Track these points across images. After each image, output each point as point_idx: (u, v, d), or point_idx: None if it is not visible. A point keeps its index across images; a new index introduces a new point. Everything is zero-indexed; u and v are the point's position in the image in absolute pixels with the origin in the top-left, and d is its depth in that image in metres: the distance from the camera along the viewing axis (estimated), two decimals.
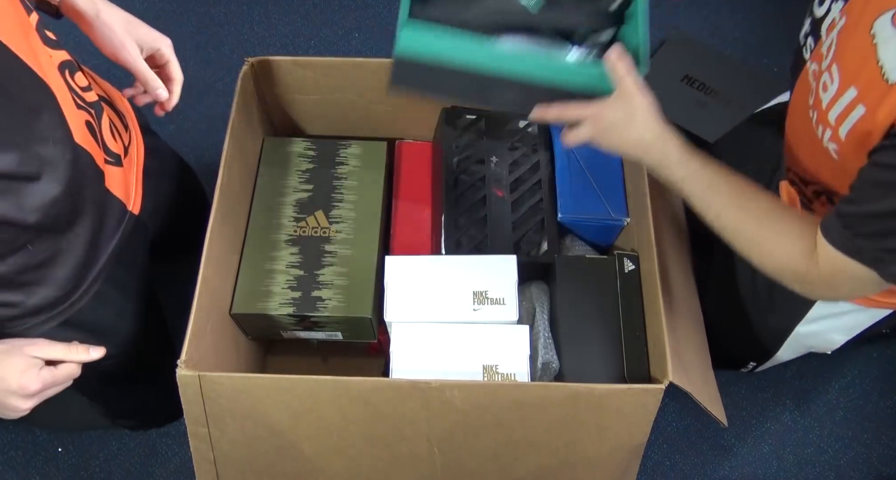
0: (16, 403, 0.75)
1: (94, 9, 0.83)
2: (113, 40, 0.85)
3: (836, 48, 0.71)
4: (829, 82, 0.71)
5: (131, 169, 0.93)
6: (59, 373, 0.78)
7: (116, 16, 0.86)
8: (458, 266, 0.93)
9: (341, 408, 0.83)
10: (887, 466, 1.25)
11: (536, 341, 0.94)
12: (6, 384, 0.74)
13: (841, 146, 0.71)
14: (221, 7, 1.66)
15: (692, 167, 0.77)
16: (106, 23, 0.84)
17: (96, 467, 1.20)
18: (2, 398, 0.75)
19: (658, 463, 1.24)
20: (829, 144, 0.73)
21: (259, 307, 0.98)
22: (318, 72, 1.05)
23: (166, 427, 1.23)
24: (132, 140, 0.95)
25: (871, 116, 0.65)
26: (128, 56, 0.86)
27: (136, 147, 0.95)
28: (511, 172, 1.05)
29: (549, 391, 0.81)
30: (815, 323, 0.99)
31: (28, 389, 0.74)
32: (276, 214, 1.05)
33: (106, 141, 0.86)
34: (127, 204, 0.90)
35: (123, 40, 0.85)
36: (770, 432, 1.27)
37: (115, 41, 0.85)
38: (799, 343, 1.04)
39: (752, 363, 1.15)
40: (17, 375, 0.74)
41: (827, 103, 0.71)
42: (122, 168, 0.89)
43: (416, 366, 0.89)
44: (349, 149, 1.10)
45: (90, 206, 0.81)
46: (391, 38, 1.63)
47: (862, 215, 0.66)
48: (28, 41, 0.70)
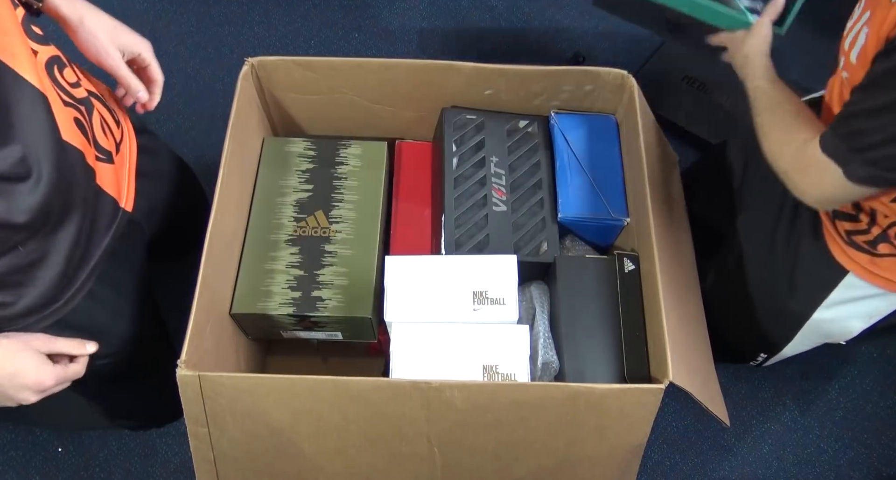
0: (27, 396, 0.76)
1: (77, 15, 0.85)
2: (98, 47, 0.87)
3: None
4: (857, 37, 0.79)
5: (123, 166, 0.93)
6: (70, 370, 0.79)
7: (101, 23, 0.87)
8: (458, 266, 0.93)
9: (341, 408, 0.83)
10: (887, 466, 1.25)
11: (536, 341, 0.94)
12: (22, 379, 0.75)
13: (851, 72, 0.79)
14: (221, 7, 1.66)
15: (767, 82, 0.94)
16: (90, 30, 0.86)
17: (96, 467, 1.20)
18: (14, 392, 0.76)
19: (658, 463, 1.24)
20: (843, 73, 0.82)
21: (259, 307, 0.98)
22: (318, 72, 1.05)
23: (166, 427, 1.23)
24: (124, 136, 0.94)
25: (874, 35, 0.71)
26: (112, 63, 0.89)
27: (128, 144, 0.95)
28: (511, 172, 1.05)
29: (549, 391, 0.81)
30: (835, 308, 0.99)
31: (43, 384, 0.76)
32: (276, 214, 1.05)
33: (97, 138, 0.86)
34: (119, 201, 0.90)
35: (107, 48, 0.87)
36: (770, 432, 1.27)
37: (100, 49, 0.87)
38: (816, 332, 1.04)
39: (762, 356, 1.14)
40: (34, 370, 0.75)
41: (849, 44, 0.80)
42: (113, 165, 0.89)
43: (416, 366, 0.89)
44: (349, 149, 1.10)
45: (81, 204, 0.81)
46: (391, 38, 1.64)
47: (843, 116, 0.77)
48: (7, 38, 0.70)
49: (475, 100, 1.08)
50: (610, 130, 1.09)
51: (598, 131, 1.08)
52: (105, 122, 0.90)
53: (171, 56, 1.58)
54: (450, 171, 1.04)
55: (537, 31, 1.65)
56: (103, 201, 0.87)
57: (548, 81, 1.05)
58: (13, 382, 0.75)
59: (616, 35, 1.66)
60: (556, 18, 1.67)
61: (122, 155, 0.93)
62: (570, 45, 1.63)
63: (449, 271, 0.93)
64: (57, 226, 0.78)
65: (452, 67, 1.03)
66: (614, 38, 1.66)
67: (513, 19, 1.66)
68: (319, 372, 1.03)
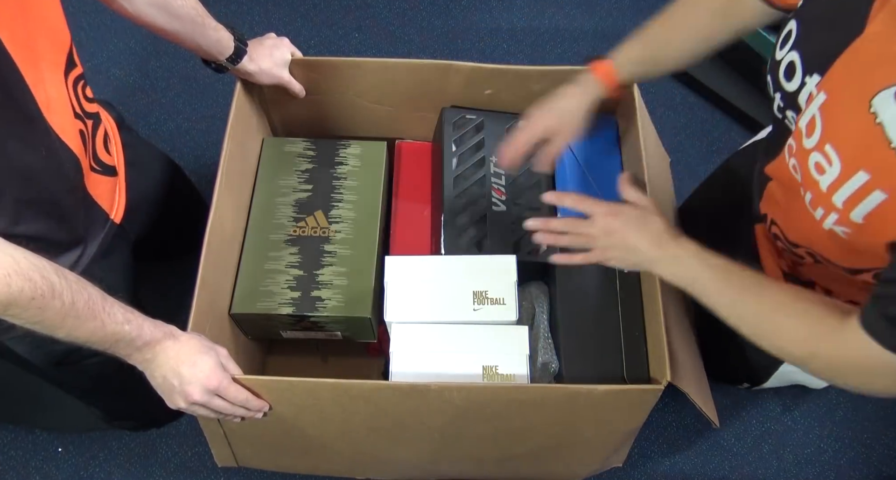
0: (191, 391, 0.76)
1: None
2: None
3: (825, 127, 0.66)
4: (824, 164, 0.66)
5: (121, 182, 0.95)
6: (229, 391, 0.80)
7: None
8: (458, 266, 0.93)
9: (342, 405, 0.84)
10: (887, 466, 1.25)
11: (536, 341, 0.94)
12: (189, 376, 0.76)
13: (856, 229, 0.66)
14: (221, 7, 1.65)
15: (710, 261, 0.75)
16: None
17: (96, 467, 1.20)
18: (178, 388, 0.77)
19: (658, 463, 1.24)
20: (834, 227, 0.68)
21: (258, 307, 0.98)
22: (318, 72, 1.05)
23: (166, 427, 1.23)
24: (117, 155, 0.97)
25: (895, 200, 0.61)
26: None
27: (121, 162, 0.98)
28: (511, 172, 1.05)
29: (548, 392, 0.81)
30: None
31: (192, 397, 0.77)
32: (276, 214, 1.05)
33: (97, 150, 0.88)
34: (109, 213, 0.92)
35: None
36: (770, 432, 1.27)
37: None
38: (786, 378, 1.03)
39: (746, 384, 1.14)
40: (200, 376, 0.77)
41: (828, 187, 0.66)
42: (112, 179, 0.91)
43: (416, 367, 0.89)
44: (349, 149, 1.10)
45: (72, 212, 0.83)
46: (391, 38, 1.63)
47: (884, 297, 0.61)
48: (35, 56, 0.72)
49: (475, 100, 1.08)
50: (610, 130, 1.09)
51: (598, 131, 1.08)
52: (109, 138, 0.92)
53: (170, 56, 1.58)
54: (449, 171, 1.04)
55: (537, 31, 1.65)
56: (95, 212, 0.88)
57: (548, 81, 1.05)
58: (190, 371, 0.76)
59: (616, 35, 1.65)
60: (556, 18, 1.67)
61: (120, 173, 0.95)
62: (571, 45, 1.63)
63: (449, 271, 0.93)
64: (50, 234, 0.80)
65: (452, 66, 1.03)
66: (614, 39, 1.66)
67: (513, 19, 1.66)
68: (319, 372, 1.04)
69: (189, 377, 0.76)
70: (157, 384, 0.78)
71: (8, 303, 0.62)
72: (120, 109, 1.05)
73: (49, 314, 0.66)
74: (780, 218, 0.84)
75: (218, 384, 0.77)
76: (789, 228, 0.82)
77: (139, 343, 0.74)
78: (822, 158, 0.66)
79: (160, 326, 0.76)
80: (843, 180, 0.64)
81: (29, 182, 0.74)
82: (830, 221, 0.68)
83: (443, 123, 1.07)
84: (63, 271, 0.67)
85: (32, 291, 0.63)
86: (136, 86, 1.55)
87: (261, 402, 0.82)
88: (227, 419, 0.83)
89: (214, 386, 0.77)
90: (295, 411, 0.85)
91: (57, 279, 0.66)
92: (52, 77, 0.75)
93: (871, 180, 0.62)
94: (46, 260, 0.66)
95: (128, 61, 1.58)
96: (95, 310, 0.69)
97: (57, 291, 0.65)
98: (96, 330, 0.70)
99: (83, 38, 1.58)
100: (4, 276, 0.61)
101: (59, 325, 0.67)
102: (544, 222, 0.84)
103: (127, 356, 0.75)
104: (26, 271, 0.63)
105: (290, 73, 1.04)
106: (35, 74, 0.72)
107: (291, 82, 1.05)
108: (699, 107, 1.55)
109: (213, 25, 0.93)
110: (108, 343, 0.72)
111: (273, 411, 0.84)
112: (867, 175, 0.62)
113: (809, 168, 0.69)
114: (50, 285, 0.65)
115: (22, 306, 0.63)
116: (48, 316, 0.66)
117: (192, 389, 0.76)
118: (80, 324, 0.68)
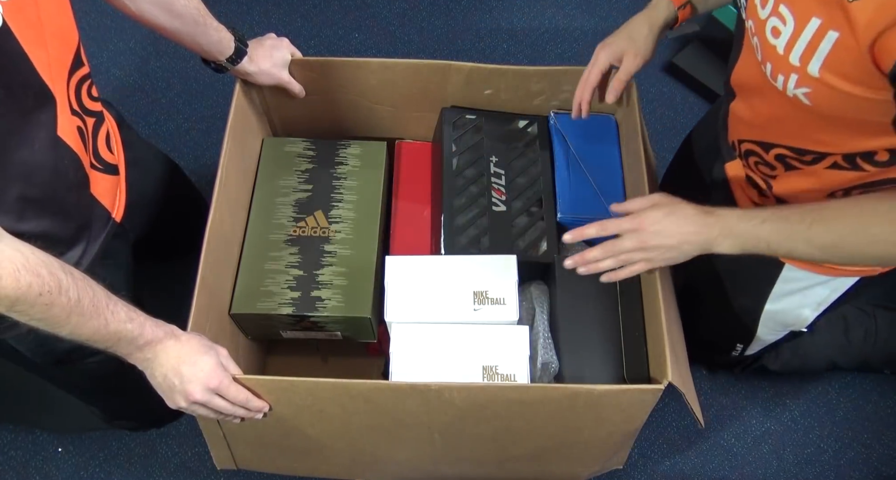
0: (192, 389, 0.76)
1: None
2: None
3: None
4: (780, 25, 0.68)
5: (122, 181, 0.95)
6: (230, 391, 0.79)
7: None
8: (458, 266, 0.93)
9: (342, 405, 0.84)
10: (887, 466, 1.25)
11: (536, 341, 0.94)
12: (199, 372, 0.76)
13: (816, 85, 0.68)
14: (221, 7, 1.65)
15: (760, 215, 0.74)
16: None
17: (96, 467, 1.20)
18: (178, 387, 0.77)
19: (658, 463, 1.24)
20: (796, 91, 0.70)
21: (258, 307, 0.98)
22: (318, 72, 1.05)
23: (166, 427, 1.23)
24: (118, 154, 0.97)
25: (848, 36, 0.62)
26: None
27: (122, 161, 0.97)
28: (510, 172, 1.05)
29: (548, 392, 0.81)
30: (781, 301, 0.98)
31: (192, 396, 0.77)
32: (276, 214, 1.05)
33: (99, 148, 0.88)
34: (111, 212, 0.92)
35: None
36: (770, 432, 1.27)
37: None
38: (774, 321, 1.04)
39: (739, 346, 1.14)
40: (210, 368, 0.77)
41: (784, 46, 0.68)
42: (113, 177, 0.91)
43: (416, 367, 0.89)
44: (349, 149, 1.10)
45: (74, 209, 0.83)
46: (391, 38, 1.64)
47: None
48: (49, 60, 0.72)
49: (475, 100, 1.08)
50: (610, 130, 1.09)
51: (598, 131, 1.08)
52: (111, 137, 0.92)
53: (170, 56, 1.58)
54: (449, 171, 1.04)
55: (537, 31, 1.65)
56: (97, 210, 0.88)
57: (547, 80, 1.05)
58: (191, 370, 0.76)
59: None
60: (556, 18, 1.67)
61: (122, 172, 0.95)
62: (570, 45, 1.63)
63: (449, 271, 0.93)
64: (53, 232, 0.79)
65: (452, 66, 1.03)
66: None
67: (513, 19, 1.66)
68: (319, 372, 1.04)
69: (190, 376, 0.76)
70: (157, 384, 0.78)
71: (16, 298, 0.62)
72: (120, 109, 1.05)
73: (55, 310, 0.66)
74: (747, 125, 0.85)
75: (218, 383, 0.77)
76: (756, 125, 0.83)
77: (141, 342, 0.74)
78: (778, 21, 0.69)
79: (161, 325, 0.76)
80: (797, 34, 0.67)
81: (31, 180, 0.74)
82: (791, 84, 0.70)
83: (443, 123, 1.07)
84: (69, 268, 0.68)
85: (40, 286, 0.63)
86: (136, 86, 1.55)
87: (261, 402, 0.82)
88: (227, 419, 0.83)
89: (215, 386, 0.77)
90: (295, 411, 0.85)
91: (64, 276, 0.66)
92: (56, 75, 0.75)
93: (823, 23, 0.65)
94: (53, 257, 0.66)
95: (128, 61, 1.58)
96: (100, 308, 0.69)
97: (64, 287, 0.65)
98: (100, 328, 0.70)
99: (83, 38, 1.57)
100: (13, 271, 0.61)
101: (64, 322, 0.67)
102: (581, 256, 0.82)
103: (128, 355, 0.75)
104: (35, 266, 0.63)
105: (290, 73, 1.04)
106: (48, 73, 0.72)
107: (291, 83, 1.05)
108: (699, 107, 1.55)
109: (214, 25, 0.93)
110: (111, 342, 0.72)
111: (273, 411, 0.84)
112: (819, 20, 0.65)
113: (767, 36, 0.71)
114: (57, 281, 0.65)
115: (30, 301, 0.63)
116: (54, 313, 0.66)
117: (192, 388, 0.76)
118: (84, 322, 0.68)
